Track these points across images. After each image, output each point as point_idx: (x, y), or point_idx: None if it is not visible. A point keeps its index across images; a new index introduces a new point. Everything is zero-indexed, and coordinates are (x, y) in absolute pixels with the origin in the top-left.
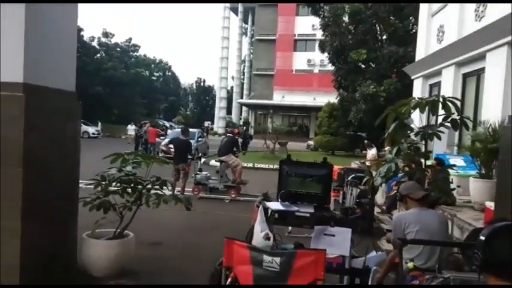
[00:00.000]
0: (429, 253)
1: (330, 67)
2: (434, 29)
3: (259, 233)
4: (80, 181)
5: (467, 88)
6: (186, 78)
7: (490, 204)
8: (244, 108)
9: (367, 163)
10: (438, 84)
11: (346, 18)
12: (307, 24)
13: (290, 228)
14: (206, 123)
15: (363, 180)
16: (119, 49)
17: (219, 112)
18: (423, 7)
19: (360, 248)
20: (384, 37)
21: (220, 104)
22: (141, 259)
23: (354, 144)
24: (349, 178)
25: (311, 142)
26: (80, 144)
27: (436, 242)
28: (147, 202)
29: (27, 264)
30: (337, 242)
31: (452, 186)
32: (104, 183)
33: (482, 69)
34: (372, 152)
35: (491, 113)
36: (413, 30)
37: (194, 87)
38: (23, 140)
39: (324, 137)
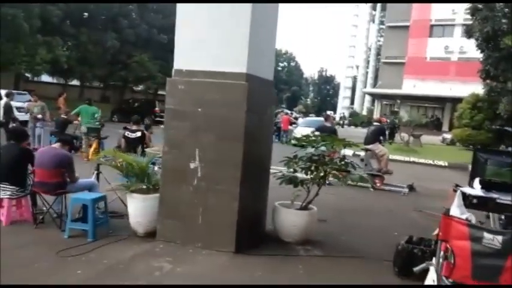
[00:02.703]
0: None
1: (471, 54)
2: None
3: (460, 216)
4: None
5: None
6: (307, 68)
7: None
8: (367, 98)
9: None
10: None
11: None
12: (447, 8)
13: None
14: (329, 113)
15: None
16: None
17: (343, 101)
18: None
19: None
20: None
21: (344, 94)
22: (315, 231)
23: (500, 140)
24: None
25: (447, 135)
26: (273, 125)
27: None
28: (323, 179)
29: (240, 222)
30: None
31: None
32: (294, 160)
33: None
34: None
35: None
36: None
37: (316, 77)
38: (244, 121)
39: (464, 130)
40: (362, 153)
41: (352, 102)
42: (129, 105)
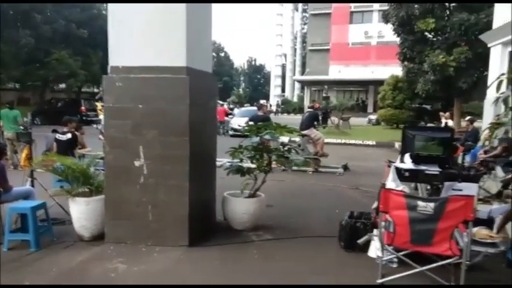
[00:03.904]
0: None
1: (389, 38)
2: None
3: (396, 188)
4: None
5: None
6: (237, 58)
7: None
8: (296, 85)
9: None
10: None
11: None
12: None
13: None
14: (262, 102)
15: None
16: None
17: (274, 90)
18: None
19: None
20: (452, 5)
21: (275, 82)
22: (264, 217)
23: (420, 117)
24: None
25: (373, 116)
26: (216, 117)
27: None
28: (269, 166)
29: (192, 215)
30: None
31: None
32: (239, 150)
33: None
34: (449, 124)
35: None
36: None
37: (245, 66)
38: (188, 115)
39: (388, 110)
40: (297, 139)
41: (283, 90)
42: (51, 105)
